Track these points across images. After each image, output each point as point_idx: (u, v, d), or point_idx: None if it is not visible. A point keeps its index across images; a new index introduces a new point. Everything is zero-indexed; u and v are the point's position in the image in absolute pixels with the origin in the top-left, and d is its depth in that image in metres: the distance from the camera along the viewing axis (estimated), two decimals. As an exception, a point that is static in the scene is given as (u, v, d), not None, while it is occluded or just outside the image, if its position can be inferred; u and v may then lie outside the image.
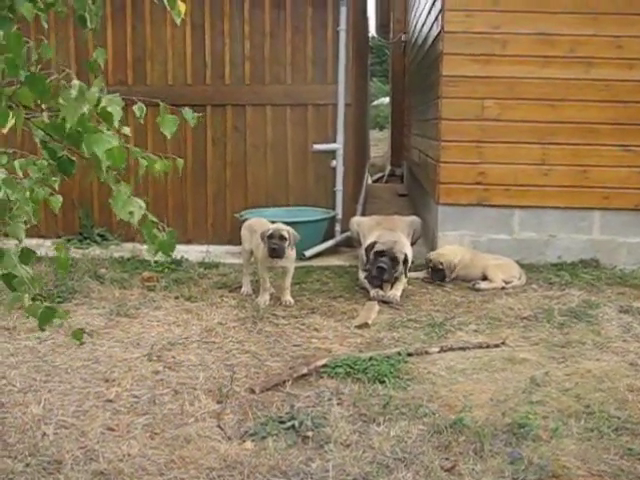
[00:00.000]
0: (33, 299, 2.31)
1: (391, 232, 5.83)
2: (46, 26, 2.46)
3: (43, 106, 2.32)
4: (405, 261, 5.55)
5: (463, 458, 3.02)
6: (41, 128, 2.16)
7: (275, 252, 5.18)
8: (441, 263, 5.94)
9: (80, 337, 2.50)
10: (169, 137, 2.46)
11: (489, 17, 6.38)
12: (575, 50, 6.35)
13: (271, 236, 5.19)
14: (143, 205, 2.25)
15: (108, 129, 2.21)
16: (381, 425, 3.31)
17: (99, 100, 2.11)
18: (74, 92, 2.07)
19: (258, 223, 5.69)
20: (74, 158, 2.23)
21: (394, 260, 5.50)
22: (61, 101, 2.06)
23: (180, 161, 2.56)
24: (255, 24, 7.20)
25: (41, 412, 3.41)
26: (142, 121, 2.46)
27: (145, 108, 2.43)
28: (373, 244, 5.62)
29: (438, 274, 5.95)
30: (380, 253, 5.53)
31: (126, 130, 2.34)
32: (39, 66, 2.20)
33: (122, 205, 2.21)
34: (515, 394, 3.68)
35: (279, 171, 7.35)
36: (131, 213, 2.23)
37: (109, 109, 2.10)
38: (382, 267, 5.45)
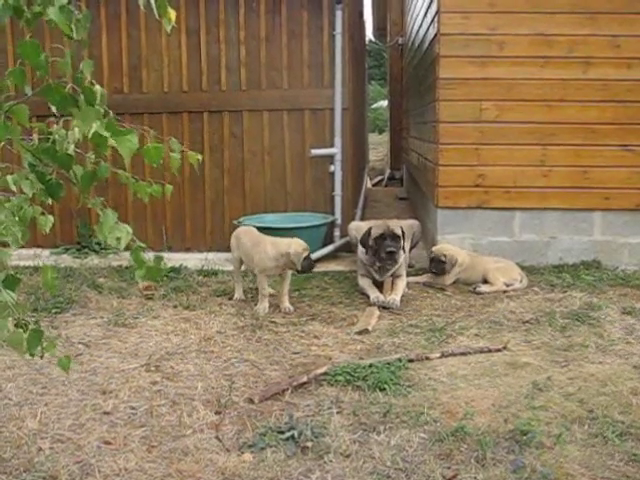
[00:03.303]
0: (17, 325, 2.24)
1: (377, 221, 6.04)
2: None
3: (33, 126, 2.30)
4: (403, 233, 5.69)
5: (465, 467, 2.96)
6: (30, 151, 2.12)
7: (307, 268, 5.25)
8: (444, 255, 5.91)
9: (67, 366, 2.44)
10: (155, 166, 2.43)
11: (485, 18, 6.35)
12: (573, 50, 6.31)
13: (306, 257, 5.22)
14: (130, 230, 2.21)
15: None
16: (381, 434, 3.26)
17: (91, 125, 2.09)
18: (99, 97, 2.07)
19: (245, 232, 5.68)
20: (62, 182, 2.20)
21: (396, 238, 5.59)
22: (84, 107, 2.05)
23: (169, 187, 2.54)
24: (250, 29, 7.17)
25: (37, 426, 3.36)
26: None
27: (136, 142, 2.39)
28: (369, 231, 5.69)
29: (439, 266, 5.91)
30: (381, 237, 5.59)
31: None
32: (46, 77, 2.19)
33: (109, 231, 2.18)
34: (517, 400, 3.63)
35: (277, 177, 7.31)
36: (118, 239, 2.19)
37: (102, 132, 2.08)
38: (392, 251, 5.54)
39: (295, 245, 5.20)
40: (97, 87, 2.17)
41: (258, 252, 5.33)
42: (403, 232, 5.70)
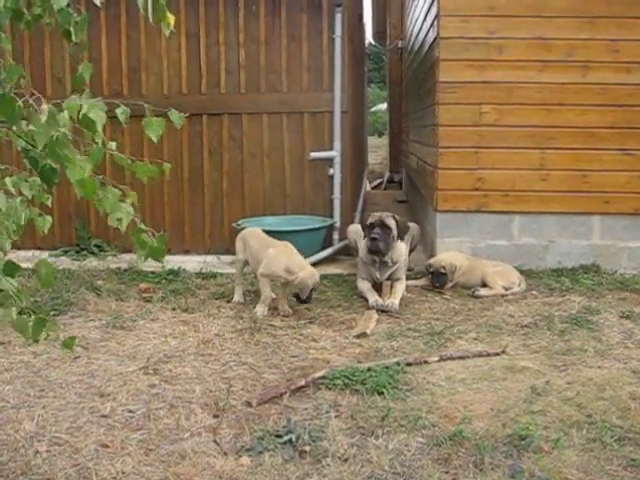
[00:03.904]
0: (20, 312, 2.23)
1: None
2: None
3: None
4: (397, 225, 5.67)
5: (463, 471, 2.96)
6: (22, 137, 2.08)
7: (304, 299, 5.19)
8: (443, 267, 5.90)
9: (71, 345, 2.42)
10: (155, 140, 2.38)
11: (485, 22, 6.36)
12: (572, 54, 6.32)
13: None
14: (131, 211, 2.17)
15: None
16: (379, 438, 3.25)
17: (80, 107, 2.03)
18: (43, 117, 1.99)
19: (252, 234, 5.66)
20: (57, 166, 2.16)
21: (385, 227, 5.60)
22: (31, 127, 1.98)
23: (167, 165, 2.49)
24: (250, 32, 7.17)
25: (34, 429, 3.35)
26: (124, 124, 2.37)
27: (129, 111, 2.36)
28: (366, 219, 5.80)
29: (440, 278, 5.90)
30: (371, 225, 5.65)
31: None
32: (9, 86, 2.11)
33: (110, 209, 2.14)
34: (516, 404, 3.62)
35: (276, 180, 7.31)
36: (119, 220, 2.15)
37: (91, 115, 2.03)
38: (374, 237, 5.57)
39: (306, 273, 5.15)
40: (44, 106, 2.06)
41: (267, 256, 5.31)
42: (398, 223, 5.68)
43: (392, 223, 5.64)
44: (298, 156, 7.26)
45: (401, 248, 5.80)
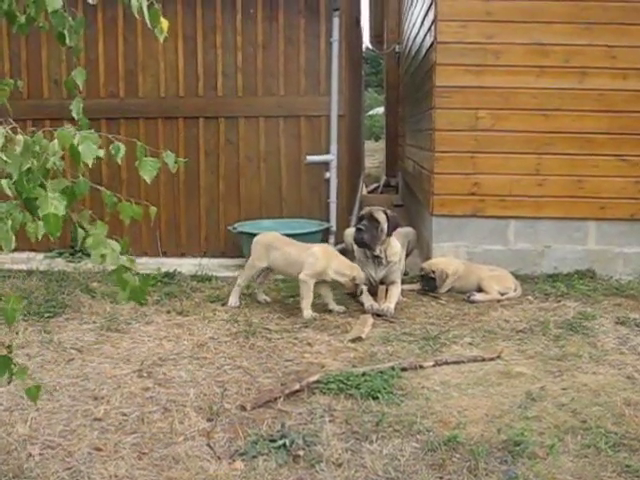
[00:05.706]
0: None
1: None
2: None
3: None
4: (388, 219, 5.62)
5: (457, 477, 2.95)
6: (7, 162, 2.04)
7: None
8: (433, 272, 5.90)
9: (35, 395, 2.35)
10: (149, 182, 2.33)
11: (482, 27, 6.36)
12: (569, 60, 6.32)
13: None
14: (117, 248, 2.11)
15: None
16: (374, 443, 3.24)
17: (73, 137, 1.99)
18: (18, 148, 1.94)
19: (280, 240, 5.59)
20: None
21: (373, 220, 5.58)
22: (4, 157, 1.93)
23: (153, 209, 2.44)
24: (247, 35, 7.17)
25: (27, 432, 3.34)
26: (120, 161, 2.32)
27: (124, 148, 2.31)
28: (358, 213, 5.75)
29: (429, 283, 5.91)
30: (360, 218, 5.69)
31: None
32: None
33: (94, 246, 2.07)
34: (510, 409, 3.61)
35: (272, 183, 7.30)
36: (103, 256, 2.09)
37: (80, 148, 1.98)
38: (359, 228, 5.58)
39: (357, 271, 5.32)
40: (19, 137, 1.99)
41: (312, 256, 5.32)
42: (389, 217, 5.65)
43: (382, 217, 5.61)
44: (295, 160, 7.25)
45: (396, 246, 5.78)
